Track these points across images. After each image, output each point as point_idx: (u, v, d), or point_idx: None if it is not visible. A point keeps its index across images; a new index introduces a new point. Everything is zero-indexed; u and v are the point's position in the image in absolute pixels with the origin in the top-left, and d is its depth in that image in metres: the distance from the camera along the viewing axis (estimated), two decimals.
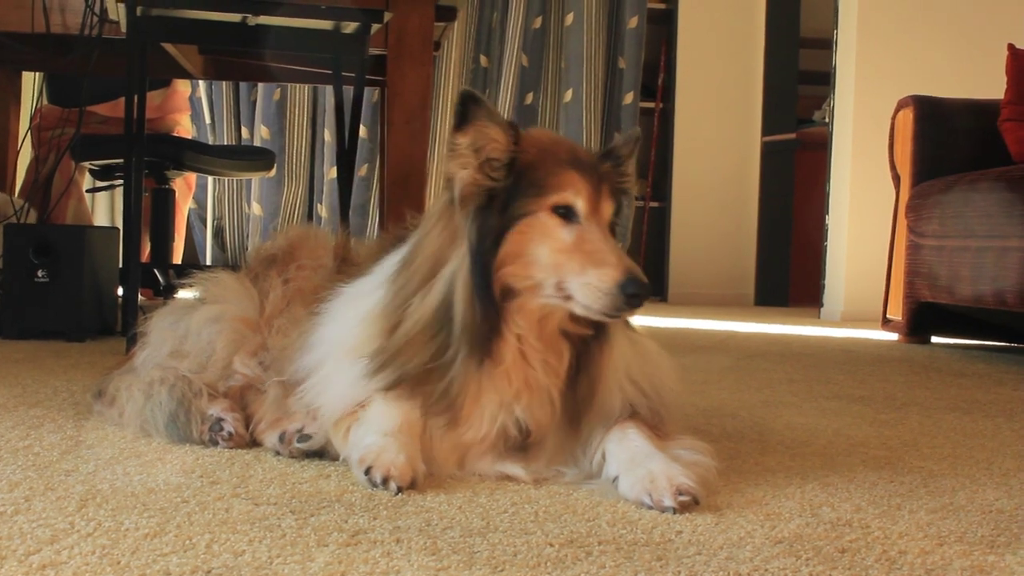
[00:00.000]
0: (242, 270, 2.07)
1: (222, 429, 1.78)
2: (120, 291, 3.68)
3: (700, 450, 1.60)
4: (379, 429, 1.56)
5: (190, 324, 1.96)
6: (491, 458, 1.61)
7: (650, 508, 1.45)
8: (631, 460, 1.54)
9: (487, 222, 1.54)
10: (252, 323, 1.93)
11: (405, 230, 1.87)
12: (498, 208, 1.55)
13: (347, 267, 1.96)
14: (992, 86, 4.79)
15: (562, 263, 1.52)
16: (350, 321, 1.70)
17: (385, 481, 1.48)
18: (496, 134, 1.56)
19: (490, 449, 1.60)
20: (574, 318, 1.58)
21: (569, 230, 1.54)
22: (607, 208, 1.58)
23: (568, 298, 1.53)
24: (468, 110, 1.55)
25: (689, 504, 1.44)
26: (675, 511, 1.43)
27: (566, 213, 1.55)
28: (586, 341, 1.61)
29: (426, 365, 1.57)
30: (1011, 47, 4.57)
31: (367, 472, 1.50)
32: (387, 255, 1.79)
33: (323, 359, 1.70)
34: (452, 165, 1.57)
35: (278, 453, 1.72)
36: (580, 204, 1.55)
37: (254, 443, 1.80)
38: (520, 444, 1.60)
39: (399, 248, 1.75)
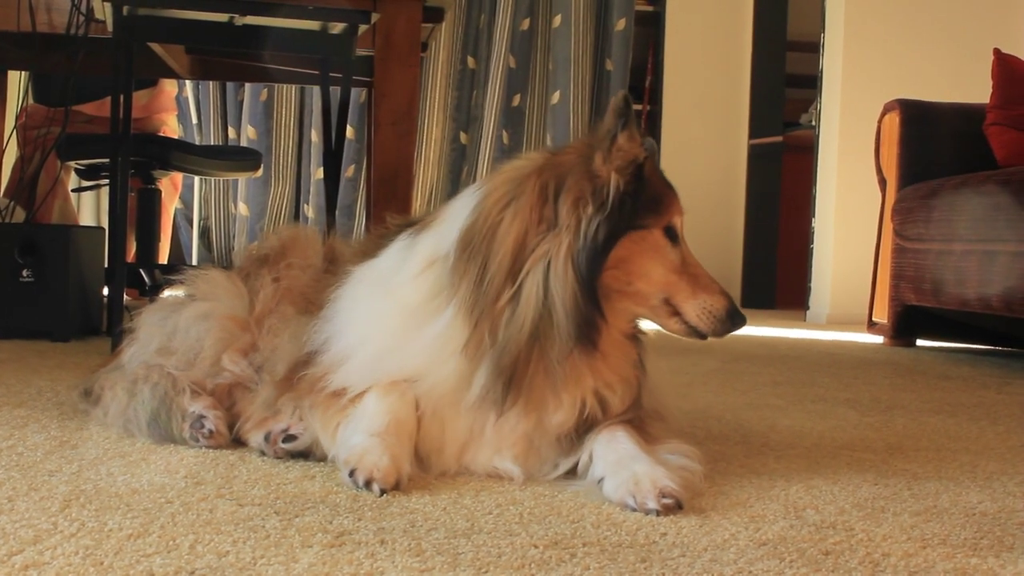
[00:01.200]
0: (234, 268, 2.07)
1: (203, 427, 1.77)
2: (105, 291, 3.67)
3: (687, 454, 1.61)
4: (366, 429, 1.56)
5: (178, 321, 1.95)
6: (506, 451, 1.62)
7: (634, 510, 1.45)
8: (617, 462, 1.54)
9: (616, 225, 1.58)
10: (241, 321, 1.93)
11: (385, 229, 1.88)
12: (625, 214, 1.59)
13: (335, 267, 1.96)
14: (978, 90, 4.81)
15: (673, 283, 1.64)
16: (384, 311, 1.69)
17: (368, 483, 1.48)
18: (639, 141, 1.61)
19: (566, 435, 1.63)
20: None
21: (676, 252, 1.65)
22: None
23: (674, 314, 1.65)
24: (627, 114, 1.59)
25: (672, 507, 1.44)
26: (658, 513, 1.43)
27: (671, 234, 1.64)
28: (639, 340, 1.72)
29: (531, 355, 1.58)
30: (997, 52, 4.58)
31: (351, 474, 1.50)
32: (389, 242, 1.79)
33: (359, 345, 1.68)
34: (602, 162, 1.59)
35: (263, 453, 1.72)
36: (679, 226, 1.66)
37: (237, 442, 1.80)
38: (585, 429, 1.64)
39: (411, 232, 1.76)
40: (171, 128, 5.70)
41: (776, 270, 7.31)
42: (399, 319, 1.66)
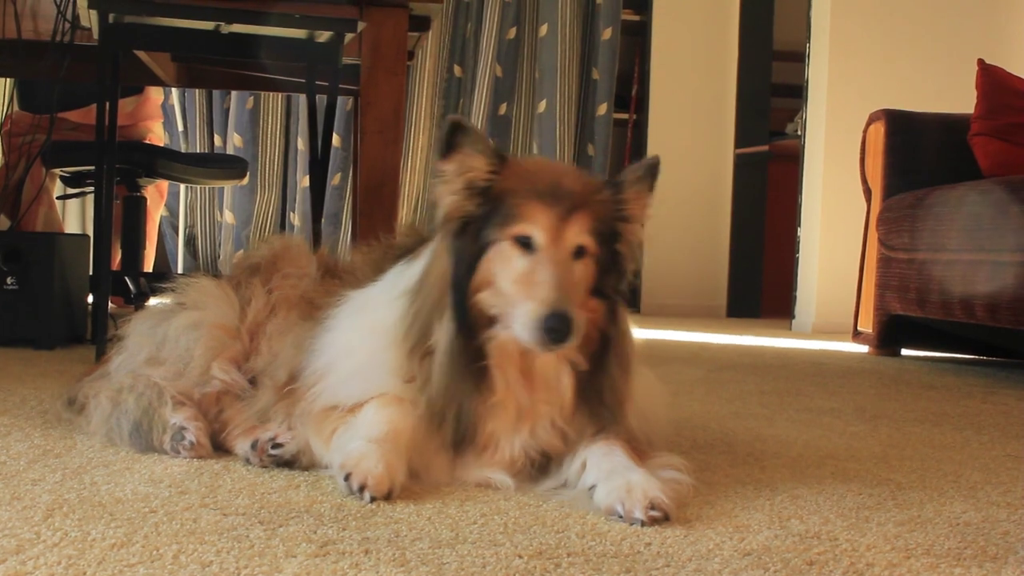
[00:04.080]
0: (224, 277, 2.07)
1: (183, 438, 1.76)
2: (90, 299, 3.65)
3: (677, 467, 1.62)
4: (365, 435, 1.57)
5: (168, 330, 1.94)
6: (486, 468, 1.63)
7: (620, 518, 1.45)
8: (612, 470, 1.56)
9: (464, 248, 1.58)
10: (231, 330, 1.93)
11: (407, 238, 1.90)
12: (472, 234, 1.59)
13: (338, 274, 1.98)
14: (963, 100, 4.83)
15: (513, 293, 1.56)
16: (360, 331, 1.71)
17: (361, 489, 1.49)
18: (478, 162, 1.60)
19: (521, 470, 1.63)
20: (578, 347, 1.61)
21: (525, 260, 1.56)
22: (571, 238, 1.59)
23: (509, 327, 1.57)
24: (454, 138, 1.59)
25: (659, 519, 1.44)
26: (643, 524, 1.43)
27: (526, 243, 1.57)
28: (600, 361, 1.64)
29: (449, 394, 1.60)
30: (981, 62, 4.60)
31: (346, 478, 1.50)
32: (393, 264, 1.81)
33: (330, 365, 1.70)
34: (437, 190, 1.61)
35: (248, 461, 1.72)
36: (538, 234, 1.57)
37: (222, 450, 1.80)
38: (544, 465, 1.64)
39: (408, 259, 1.77)
40: (157, 136, 5.68)
41: (762, 279, 7.32)
42: (376, 338, 1.68)
